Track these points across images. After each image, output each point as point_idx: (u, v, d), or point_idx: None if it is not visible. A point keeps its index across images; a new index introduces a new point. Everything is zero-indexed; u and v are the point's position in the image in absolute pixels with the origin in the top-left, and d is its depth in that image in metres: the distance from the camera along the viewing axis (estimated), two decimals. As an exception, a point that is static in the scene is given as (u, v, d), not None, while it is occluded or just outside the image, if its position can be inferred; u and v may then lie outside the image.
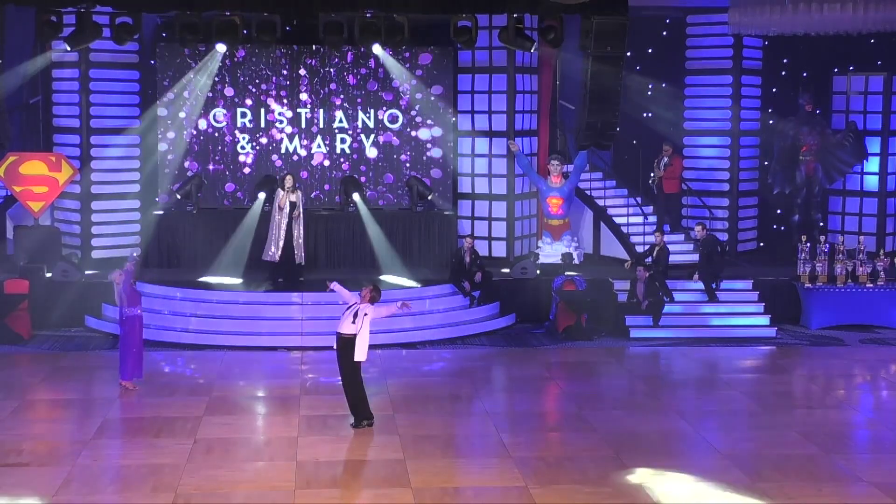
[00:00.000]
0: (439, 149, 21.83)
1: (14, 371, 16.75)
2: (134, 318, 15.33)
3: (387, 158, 21.77)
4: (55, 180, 20.28)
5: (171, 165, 21.37)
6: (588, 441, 13.28)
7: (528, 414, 14.71)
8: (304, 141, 21.63)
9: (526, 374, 16.78)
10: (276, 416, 14.56)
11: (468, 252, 19.81)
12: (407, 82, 21.49)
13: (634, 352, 18.36)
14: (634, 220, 21.95)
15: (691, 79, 22.89)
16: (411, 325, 18.68)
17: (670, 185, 21.96)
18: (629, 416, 14.41)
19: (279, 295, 19.03)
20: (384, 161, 21.76)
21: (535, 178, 21.53)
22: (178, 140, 21.36)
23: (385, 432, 13.54)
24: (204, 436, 13.37)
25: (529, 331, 19.47)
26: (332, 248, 20.59)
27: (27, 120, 21.67)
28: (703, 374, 17.14)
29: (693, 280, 19.90)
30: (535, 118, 22.18)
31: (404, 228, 21.25)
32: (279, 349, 17.93)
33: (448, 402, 15.16)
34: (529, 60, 21.73)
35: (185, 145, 21.39)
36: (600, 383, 16.47)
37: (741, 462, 12.54)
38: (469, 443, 13.66)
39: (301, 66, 21.47)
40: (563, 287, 19.31)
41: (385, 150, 21.76)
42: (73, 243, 21.35)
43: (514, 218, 21.96)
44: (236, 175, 21.55)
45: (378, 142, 21.73)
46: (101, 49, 20.55)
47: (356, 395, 13.73)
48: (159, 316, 18.40)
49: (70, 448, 12.91)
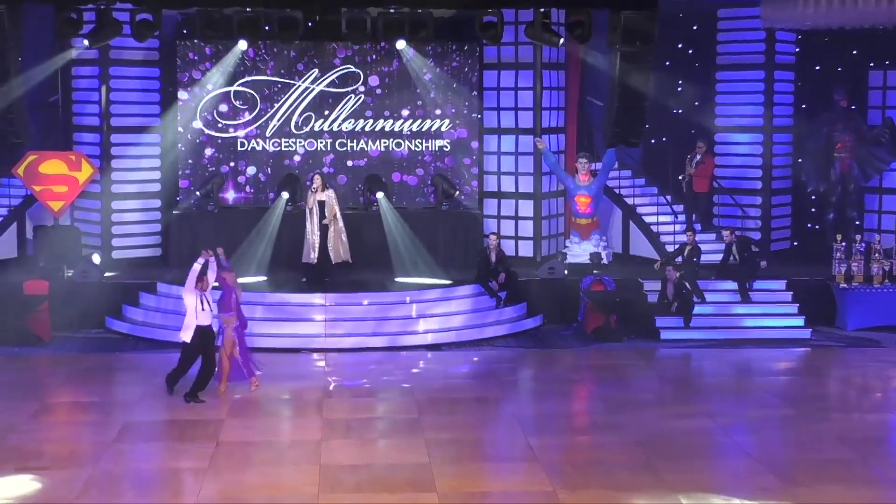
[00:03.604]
0: (465, 146, 21.81)
1: (34, 373, 16.85)
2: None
3: (410, 156, 21.76)
4: (75, 179, 20.38)
5: (191, 163, 21.44)
6: (618, 445, 13.24)
7: (557, 417, 14.67)
8: (324, 139, 21.65)
9: (554, 376, 16.75)
10: (299, 419, 14.60)
11: (493, 251, 19.79)
12: (432, 78, 21.48)
13: (665, 354, 18.30)
14: (664, 219, 21.88)
15: (723, 74, 22.77)
16: (436, 326, 18.68)
17: (701, 184, 21.86)
18: (659, 419, 14.36)
19: (302, 296, 19.06)
20: (408, 159, 21.76)
21: (563, 176, 21.48)
22: (197, 138, 21.42)
23: (410, 436, 13.54)
24: (226, 439, 13.40)
25: (557, 332, 19.43)
26: (355, 249, 20.59)
27: (47, 118, 21.75)
28: (735, 377, 17.07)
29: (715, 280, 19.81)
30: (563, 115, 22.13)
31: (429, 227, 21.25)
32: (302, 351, 17.95)
33: (474, 404, 15.14)
34: (556, 56, 21.69)
35: (204, 143, 21.45)
36: (630, 386, 16.41)
37: (775, 467, 12.47)
38: (496, 446, 13.64)
39: (324, 63, 21.49)
40: (592, 287, 19.27)
41: (409, 147, 21.75)
42: (93, 243, 21.43)
43: (541, 217, 21.91)
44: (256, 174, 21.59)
45: (401, 139, 21.73)
46: (121, 46, 20.60)
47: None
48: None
49: (90, 451, 12.97)
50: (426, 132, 21.75)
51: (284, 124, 21.59)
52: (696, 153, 21.80)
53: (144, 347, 18.17)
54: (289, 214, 20.65)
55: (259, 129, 21.58)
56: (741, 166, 22.81)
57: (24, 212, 21.57)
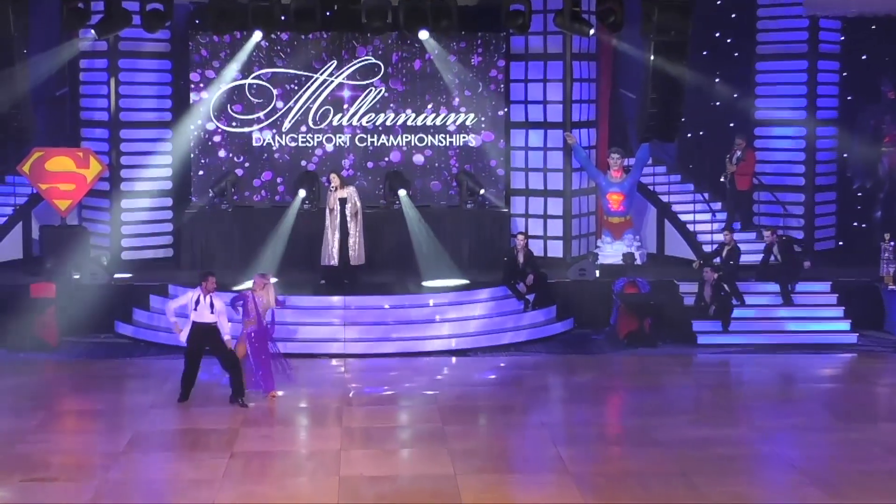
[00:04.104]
0: (491, 142, 21.83)
1: (40, 380, 16.95)
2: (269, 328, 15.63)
3: (434, 152, 21.79)
4: (83, 177, 20.48)
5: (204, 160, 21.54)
6: (652, 456, 13.23)
7: (588, 426, 14.67)
8: (344, 135, 21.71)
9: (585, 383, 16.75)
10: (317, 428, 14.64)
11: (521, 252, 19.79)
12: (455, 70, 21.50)
13: (702, 359, 18.27)
14: (701, 218, 21.83)
15: (763, 65, 22.70)
16: (461, 330, 18.71)
17: (743, 182, 21.80)
18: (697, 428, 14.34)
19: (320, 299, 19.12)
20: (431, 155, 21.79)
21: (594, 173, 21.46)
22: (211, 134, 21.51)
23: (434, 445, 13.56)
24: (241, 449, 13.45)
25: (588, 337, 19.42)
26: (375, 249, 20.64)
27: (53, 113, 21.89)
28: (777, 384, 17.03)
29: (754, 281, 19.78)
30: (594, 108, 22.12)
31: (453, 227, 21.28)
32: (320, 356, 18.01)
33: (501, 413, 15.15)
34: (587, 46, 21.67)
35: (218, 139, 21.54)
36: (665, 393, 16.38)
37: (820, 479, 12.44)
38: (523, 457, 13.65)
39: (342, 55, 21.54)
40: (625, 290, 19.24)
41: (432, 142, 21.78)
42: (102, 244, 21.54)
43: (571, 215, 21.90)
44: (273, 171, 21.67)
45: (424, 134, 21.76)
46: (130, 37, 20.73)
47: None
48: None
49: (100, 462, 13.05)
50: (450, 126, 21.77)
51: (301, 119, 21.65)
52: (735, 150, 21.72)
53: (155, 353, 18.25)
54: (306, 213, 20.71)
55: (275, 125, 21.65)
56: (783, 162, 22.74)
57: (30, 211, 21.71)
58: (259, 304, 15.43)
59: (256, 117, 21.61)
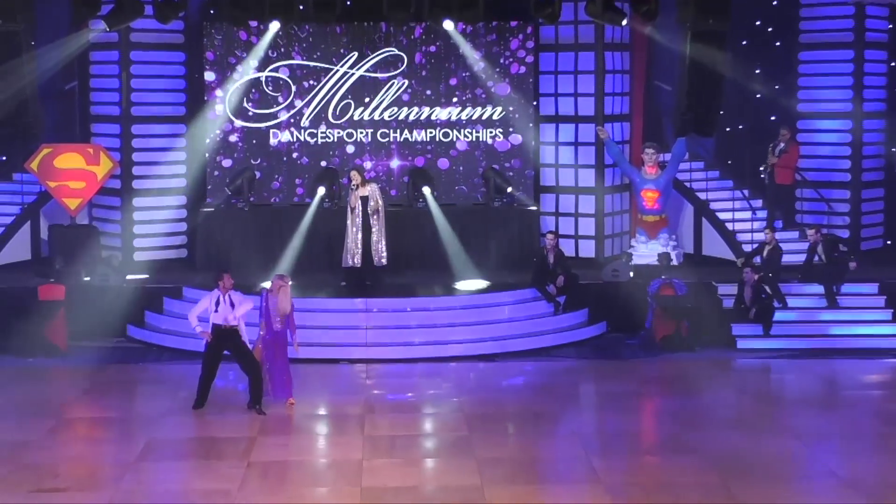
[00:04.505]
0: (519, 136, 21.80)
1: (50, 386, 17.03)
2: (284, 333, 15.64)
3: (460, 147, 21.78)
4: (93, 174, 20.56)
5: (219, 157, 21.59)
6: (690, 466, 13.18)
7: (622, 435, 14.64)
8: (364, 129, 21.73)
9: (618, 389, 16.71)
10: (338, 436, 14.64)
11: (551, 252, 19.76)
12: (481, 62, 21.49)
13: (742, 364, 18.22)
14: (741, 216, 21.76)
15: (806, 54, 22.61)
16: (488, 334, 18.69)
17: (784, 175, 21.71)
18: (737, 437, 14.28)
19: (341, 301, 19.14)
20: (456, 151, 21.79)
21: (628, 169, 21.42)
22: (226, 129, 21.56)
23: (460, 455, 13.55)
24: (258, 458, 13.47)
25: (622, 341, 19.38)
26: (399, 249, 20.65)
27: (62, 108, 21.99)
28: (821, 391, 16.97)
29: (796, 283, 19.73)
30: (628, 101, 22.08)
31: (480, 226, 21.28)
32: (341, 361, 18.02)
33: (530, 420, 15.13)
34: (620, 36, 21.62)
35: (234, 135, 21.59)
36: (703, 400, 16.33)
37: (866, 491, 12.37)
38: (554, 467, 13.62)
39: (363, 47, 21.56)
40: (661, 291, 19.20)
41: (458, 137, 21.78)
42: (113, 244, 21.62)
43: (603, 214, 21.87)
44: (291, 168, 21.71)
45: (449, 129, 21.76)
46: (143, 29, 20.80)
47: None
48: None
49: (111, 471, 13.09)
50: (476, 121, 21.76)
51: (321, 113, 21.69)
52: (779, 141, 21.63)
53: (169, 358, 18.31)
54: (326, 211, 20.73)
55: (293, 120, 21.69)
56: (827, 156, 22.64)
57: (39, 210, 21.79)
58: (272, 307, 15.41)
59: (274, 112, 21.65)
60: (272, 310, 15.40)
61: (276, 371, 15.40)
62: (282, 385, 15.44)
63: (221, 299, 15.11)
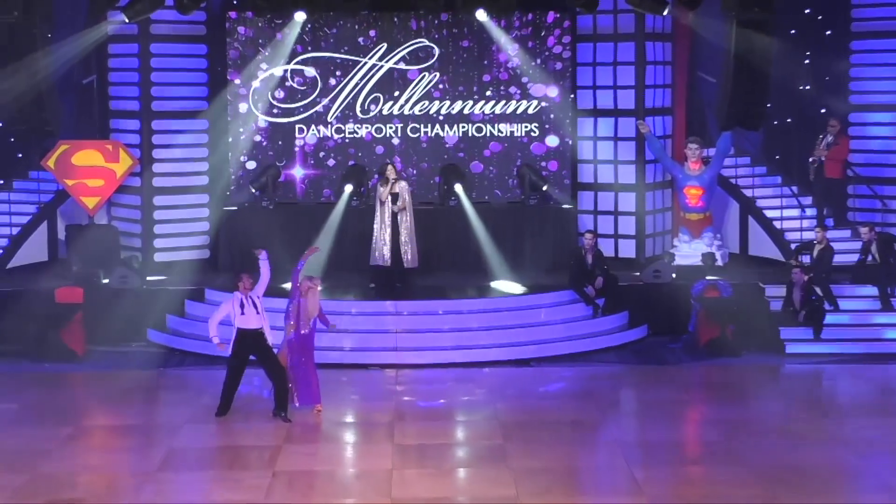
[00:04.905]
0: (555, 133, 21.78)
1: (67, 392, 17.12)
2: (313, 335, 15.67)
3: (493, 143, 21.77)
4: (112, 172, 20.65)
5: (243, 154, 21.66)
6: (736, 477, 13.13)
7: (665, 444, 14.60)
8: (394, 124, 21.75)
9: (661, 396, 16.67)
10: (367, 445, 14.66)
11: (590, 252, 19.74)
12: (516, 54, 21.47)
13: (791, 370, 18.15)
14: (789, 214, 21.66)
15: (858, 43, 22.47)
16: (524, 338, 18.67)
17: (834, 169, 21.59)
18: (786, 447, 14.23)
19: (370, 304, 19.16)
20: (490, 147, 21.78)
21: (670, 165, 21.36)
22: (250, 124, 21.63)
23: (494, 465, 13.54)
24: (284, 468, 13.50)
25: (664, 345, 19.35)
26: (429, 249, 20.66)
27: (80, 103, 22.10)
28: (875, 398, 16.89)
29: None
30: (670, 94, 22.04)
31: (515, 225, 21.29)
32: (370, 367, 18.04)
33: (568, 429, 15.12)
34: (662, 25, 21.58)
35: (258, 130, 21.66)
36: (750, 408, 16.29)
37: (923, 503, 12.32)
38: (594, 478, 13.60)
39: (392, 38, 21.58)
40: (705, 293, 19.16)
41: (491, 132, 21.77)
42: (133, 244, 21.72)
43: (644, 212, 21.83)
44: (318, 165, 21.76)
45: (482, 124, 21.76)
46: (163, 20, 20.90)
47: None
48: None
49: (131, 482, 13.13)
50: (511, 115, 21.74)
51: (348, 108, 21.73)
52: (827, 133, 21.53)
53: (191, 363, 18.37)
54: (354, 210, 20.76)
55: (320, 114, 21.73)
56: (881, 151, 22.50)
57: (56, 209, 21.91)
58: (303, 310, 15.44)
59: (299, 107, 21.70)
60: (303, 313, 15.42)
61: (303, 376, 15.41)
62: (308, 391, 15.45)
63: (245, 301, 15.15)
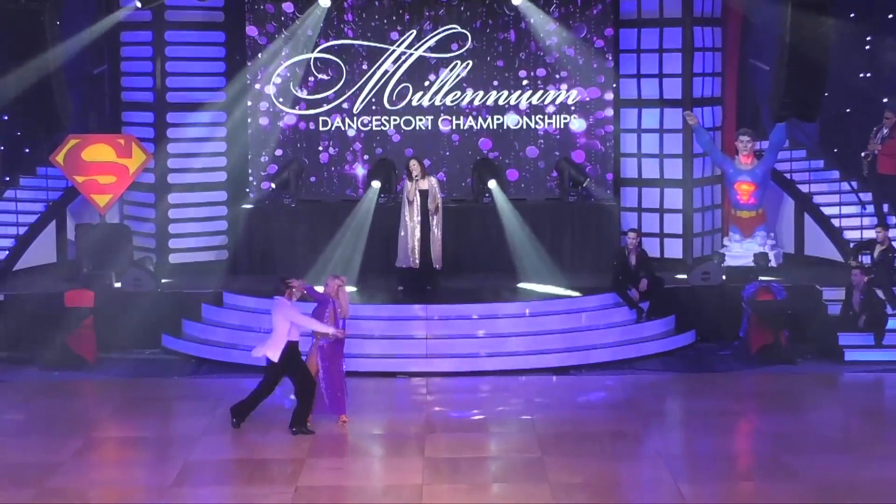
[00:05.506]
0: (597, 123, 21.75)
1: (77, 402, 17.20)
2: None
3: (531, 136, 21.77)
4: (125, 168, 20.72)
5: (264, 148, 21.72)
6: (790, 493, 13.10)
7: (713, 457, 14.58)
8: (425, 116, 21.77)
9: (709, 406, 16.64)
10: (396, 458, 14.67)
11: (633, 252, 19.72)
12: (554, 40, 21.47)
13: (849, 379, 18.11)
14: (848, 211, 21.58)
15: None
16: (563, 344, 18.66)
17: (887, 164, 21.45)
18: (843, 461, 14.19)
19: (398, 308, 19.18)
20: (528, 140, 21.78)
21: (720, 159, 21.31)
22: (271, 116, 21.69)
23: (532, 479, 13.54)
24: (308, 483, 13.53)
25: (714, 352, 19.33)
26: (462, 249, 20.68)
27: (91, 94, 22.22)
28: (940, 408, 16.83)
29: None
30: (719, 83, 21.98)
31: (553, 223, 21.27)
32: (399, 375, 18.07)
33: (610, 441, 15.10)
34: (711, 9, 21.54)
35: (280, 123, 21.71)
36: (805, 419, 16.24)
37: None
38: (638, 492, 13.59)
39: (423, 24, 21.61)
40: (757, 296, 19.11)
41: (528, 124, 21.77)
42: (146, 245, 21.81)
43: (692, 209, 21.78)
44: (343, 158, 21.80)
45: (519, 115, 21.75)
46: (178, 6, 20.99)
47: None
48: (251, 334, 18.67)
49: (145, 497, 13.20)
50: (549, 107, 21.74)
51: (376, 98, 21.75)
52: (882, 126, 21.43)
53: (208, 371, 18.45)
54: (381, 208, 20.78)
55: (345, 105, 21.77)
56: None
57: (65, 208, 22.00)
58: (338, 311, 15.43)
59: (323, 97, 21.75)
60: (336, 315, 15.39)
61: (330, 384, 15.43)
62: (334, 400, 15.47)
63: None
